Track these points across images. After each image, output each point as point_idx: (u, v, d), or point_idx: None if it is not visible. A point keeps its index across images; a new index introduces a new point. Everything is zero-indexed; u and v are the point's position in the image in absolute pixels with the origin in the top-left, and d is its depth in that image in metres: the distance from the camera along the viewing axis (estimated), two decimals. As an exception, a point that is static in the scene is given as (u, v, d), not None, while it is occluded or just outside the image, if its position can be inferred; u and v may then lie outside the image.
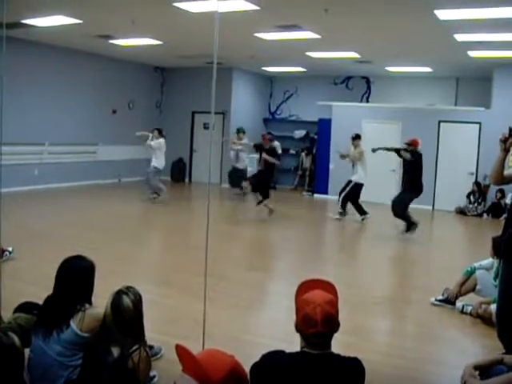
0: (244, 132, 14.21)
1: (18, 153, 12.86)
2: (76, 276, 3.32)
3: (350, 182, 11.52)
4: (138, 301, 3.13)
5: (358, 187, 11.46)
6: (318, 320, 2.38)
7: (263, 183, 11.23)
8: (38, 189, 13.23)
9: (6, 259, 6.77)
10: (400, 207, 9.96)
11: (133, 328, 3.06)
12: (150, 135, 12.69)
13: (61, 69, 13.85)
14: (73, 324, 3.20)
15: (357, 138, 11.69)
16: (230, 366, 1.80)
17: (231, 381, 1.76)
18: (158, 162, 12.76)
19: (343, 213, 11.60)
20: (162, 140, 12.77)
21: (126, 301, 3.05)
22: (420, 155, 9.84)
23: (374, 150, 10.51)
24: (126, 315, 3.03)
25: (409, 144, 9.91)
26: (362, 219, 11.56)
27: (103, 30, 11.15)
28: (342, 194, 11.52)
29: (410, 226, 9.92)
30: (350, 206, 11.62)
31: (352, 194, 11.48)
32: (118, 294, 3.09)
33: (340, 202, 11.56)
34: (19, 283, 5.81)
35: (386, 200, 11.13)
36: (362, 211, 11.62)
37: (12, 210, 10.51)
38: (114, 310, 3.04)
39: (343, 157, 11.65)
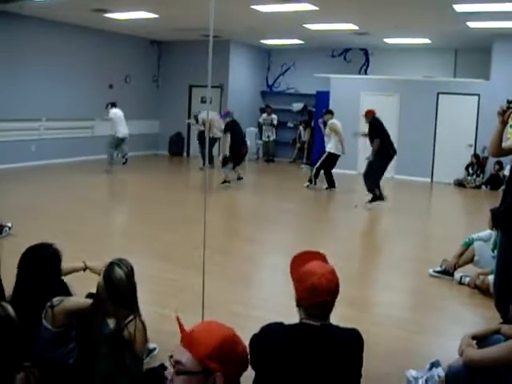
0: None
1: (14, 129, 12.82)
2: (40, 267, 3.23)
3: (324, 151, 11.90)
4: (130, 271, 3.12)
5: (333, 157, 11.78)
6: (323, 289, 2.40)
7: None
8: (35, 165, 13.19)
9: (6, 235, 6.81)
10: (371, 177, 10.04)
11: (126, 299, 3.06)
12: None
13: (56, 44, 13.70)
14: (45, 322, 3.11)
15: (327, 113, 12.05)
16: (223, 336, 1.80)
17: (222, 353, 1.77)
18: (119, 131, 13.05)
19: (313, 181, 12.05)
20: (115, 110, 13.01)
21: (119, 272, 3.05)
22: (376, 122, 10.09)
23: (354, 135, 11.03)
24: (119, 286, 3.03)
25: (365, 115, 10.31)
26: (326, 188, 11.96)
27: (98, 3, 11.01)
28: (317, 164, 11.92)
29: (376, 198, 9.97)
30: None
31: (326, 163, 11.82)
32: (111, 266, 3.08)
33: (314, 171, 12.03)
34: (18, 259, 5.82)
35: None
36: (330, 182, 11.97)
37: (10, 186, 10.54)
38: (106, 282, 3.03)
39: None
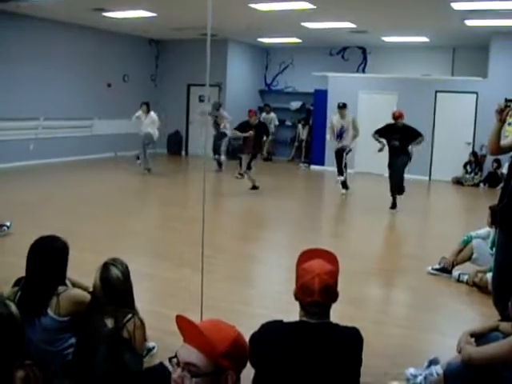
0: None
1: (12, 128, 12.80)
2: (49, 258, 3.19)
3: (342, 150, 11.01)
4: (126, 270, 3.12)
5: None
6: (315, 289, 2.39)
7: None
8: (33, 164, 13.18)
9: (4, 234, 6.80)
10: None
11: (124, 297, 3.07)
12: (138, 113, 12.80)
13: (54, 43, 13.68)
14: (50, 310, 3.11)
15: (344, 107, 10.99)
16: (234, 336, 1.77)
17: (235, 351, 1.74)
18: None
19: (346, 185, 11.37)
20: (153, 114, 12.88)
21: (115, 271, 3.05)
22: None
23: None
24: (117, 286, 3.03)
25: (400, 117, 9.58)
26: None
27: (97, 2, 10.99)
28: (343, 166, 11.03)
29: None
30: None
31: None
32: (106, 266, 3.07)
33: (345, 175, 11.16)
34: (17, 258, 5.78)
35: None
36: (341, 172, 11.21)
37: (8, 185, 10.53)
38: (103, 283, 3.01)
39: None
